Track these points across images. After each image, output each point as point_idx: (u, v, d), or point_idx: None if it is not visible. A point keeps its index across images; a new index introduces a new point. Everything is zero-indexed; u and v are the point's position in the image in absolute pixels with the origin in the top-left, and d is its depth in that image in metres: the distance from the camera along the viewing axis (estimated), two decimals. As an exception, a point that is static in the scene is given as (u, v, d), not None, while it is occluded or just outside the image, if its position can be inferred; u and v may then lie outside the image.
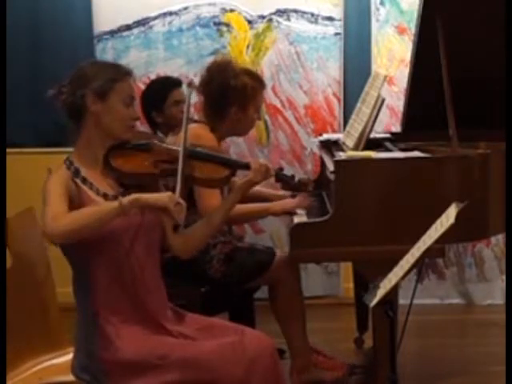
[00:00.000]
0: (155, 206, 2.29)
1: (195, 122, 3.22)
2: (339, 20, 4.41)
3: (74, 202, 2.30)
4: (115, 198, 2.36)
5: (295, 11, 4.43)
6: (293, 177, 2.81)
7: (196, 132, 3.05)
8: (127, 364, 2.32)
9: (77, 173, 2.36)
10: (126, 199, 2.24)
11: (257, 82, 3.23)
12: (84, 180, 2.36)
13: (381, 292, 2.29)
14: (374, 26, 4.42)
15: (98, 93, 2.36)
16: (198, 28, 4.45)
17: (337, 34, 4.43)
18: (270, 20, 4.44)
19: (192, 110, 3.87)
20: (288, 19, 4.43)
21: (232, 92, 3.15)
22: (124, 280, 2.38)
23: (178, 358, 2.32)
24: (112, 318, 2.35)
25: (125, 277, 2.38)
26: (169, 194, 2.31)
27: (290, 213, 3.21)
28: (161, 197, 2.29)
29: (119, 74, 2.42)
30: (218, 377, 2.30)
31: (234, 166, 2.67)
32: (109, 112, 2.38)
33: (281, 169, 2.77)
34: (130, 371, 2.32)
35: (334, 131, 4.40)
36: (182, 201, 2.30)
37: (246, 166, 2.66)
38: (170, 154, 2.51)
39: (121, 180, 2.43)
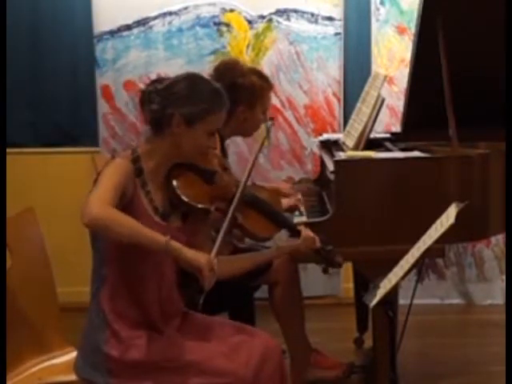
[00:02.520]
0: (191, 264, 2.17)
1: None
2: (339, 20, 4.41)
3: (125, 199, 2.22)
4: (163, 216, 2.33)
5: (295, 11, 4.43)
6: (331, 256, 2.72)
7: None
8: (134, 364, 2.30)
9: (140, 172, 2.30)
10: (173, 244, 2.14)
11: (264, 81, 3.22)
12: (144, 184, 2.30)
13: (381, 292, 2.29)
14: (374, 25, 4.42)
15: (186, 118, 2.31)
16: (197, 28, 4.44)
17: (337, 33, 4.43)
18: (270, 20, 4.43)
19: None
20: (288, 19, 4.43)
21: (240, 90, 3.13)
22: (137, 289, 2.33)
23: (188, 361, 2.30)
24: (119, 320, 2.32)
25: (139, 287, 2.33)
26: (207, 257, 2.19)
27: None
28: (200, 257, 2.18)
29: (215, 106, 2.36)
30: (228, 381, 2.29)
31: (285, 227, 2.65)
32: (190, 138, 2.34)
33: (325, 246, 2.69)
34: (135, 372, 2.30)
35: (334, 131, 4.40)
36: (216, 267, 2.19)
37: (297, 233, 2.64)
38: (230, 193, 2.44)
39: (174, 201, 2.36)
